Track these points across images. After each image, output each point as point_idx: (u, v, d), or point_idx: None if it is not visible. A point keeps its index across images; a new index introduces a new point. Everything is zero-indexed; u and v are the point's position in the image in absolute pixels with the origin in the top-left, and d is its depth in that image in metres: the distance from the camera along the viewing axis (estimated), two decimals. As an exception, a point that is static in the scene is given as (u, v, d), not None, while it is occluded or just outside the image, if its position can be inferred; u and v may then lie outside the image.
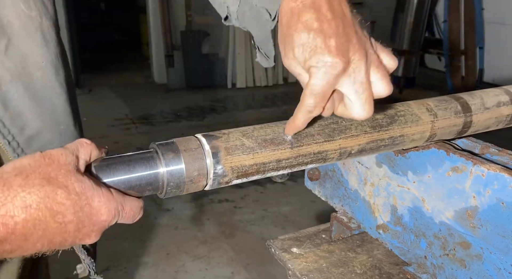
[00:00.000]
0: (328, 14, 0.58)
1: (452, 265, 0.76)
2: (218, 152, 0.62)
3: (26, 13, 0.78)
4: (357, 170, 0.94)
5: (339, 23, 0.58)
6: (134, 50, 8.39)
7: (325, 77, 0.57)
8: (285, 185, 3.62)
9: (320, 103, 0.59)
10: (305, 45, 0.57)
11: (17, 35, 0.78)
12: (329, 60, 0.56)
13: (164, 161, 0.59)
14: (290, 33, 0.59)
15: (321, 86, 0.57)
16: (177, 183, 0.60)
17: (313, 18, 0.57)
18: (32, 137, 0.83)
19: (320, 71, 0.57)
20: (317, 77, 0.57)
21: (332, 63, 0.56)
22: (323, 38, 0.57)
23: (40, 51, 0.82)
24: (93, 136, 4.91)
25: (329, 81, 0.57)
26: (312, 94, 0.58)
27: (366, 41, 0.61)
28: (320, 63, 0.56)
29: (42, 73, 0.82)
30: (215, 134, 0.64)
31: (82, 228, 0.52)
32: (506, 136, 1.98)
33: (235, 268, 2.68)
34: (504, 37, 6.02)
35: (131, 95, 6.19)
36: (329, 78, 0.57)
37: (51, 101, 0.85)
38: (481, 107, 0.84)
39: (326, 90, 0.58)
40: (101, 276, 0.91)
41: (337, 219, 0.98)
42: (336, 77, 0.57)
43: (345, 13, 0.59)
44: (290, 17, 0.59)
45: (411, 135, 0.76)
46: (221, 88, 6.62)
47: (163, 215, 3.20)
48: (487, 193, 0.68)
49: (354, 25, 0.60)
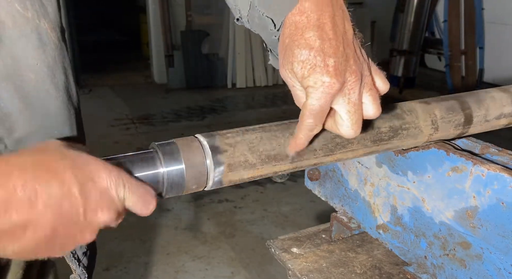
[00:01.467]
0: (330, 33, 0.60)
1: (452, 265, 0.76)
2: (218, 152, 0.62)
3: (21, 13, 0.76)
4: (357, 170, 0.94)
5: (340, 43, 0.60)
6: (134, 50, 8.38)
7: (322, 96, 0.59)
8: (285, 185, 3.62)
9: (319, 122, 0.62)
10: (305, 62, 0.59)
11: (10, 36, 0.76)
12: (327, 80, 0.59)
13: (164, 161, 0.59)
14: (291, 47, 0.61)
15: (319, 106, 0.60)
16: (177, 183, 0.60)
17: (316, 36, 0.59)
18: (21, 140, 0.80)
19: (318, 91, 0.59)
20: (315, 98, 0.60)
21: (330, 83, 0.59)
22: (323, 57, 0.59)
23: (35, 53, 0.79)
24: (93, 136, 4.91)
25: (327, 101, 0.60)
26: (311, 114, 0.61)
27: (363, 62, 0.63)
28: (318, 83, 0.59)
29: (35, 75, 0.80)
30: (215, 134, 0.64)
31: (88, 193, 0.49)
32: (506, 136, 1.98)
33: (235, 268, 2.68)
34: (504, 37, 6.02)
35: (131, 95, 6.18)
36: (326, 98, 0.60)
37: (44, 105, 0.82)
38: (482, 120, 0.83)
39: (324, 109, 0.61)
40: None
41: (337, 219, 0.98)
42: (332, 96, 0.60)
43: (347, 33, 0.62)
44: (294, 31, 0.61)
45: (405, 146, 0.77)
46: (221, 88, 6.62)
47: (163, 215, 3.20)
48: (487, 193, 0.68)
49: (354, 45, 0.62)
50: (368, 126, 0.72)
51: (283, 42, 0.63)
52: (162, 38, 6.48)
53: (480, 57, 6.16)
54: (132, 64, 7.72)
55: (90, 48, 8.31)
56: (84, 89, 6.29)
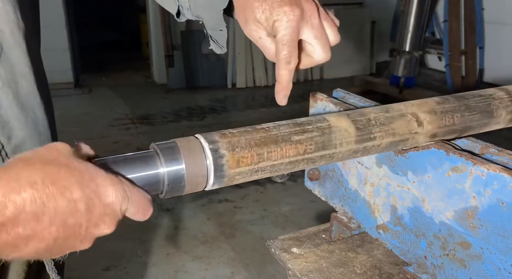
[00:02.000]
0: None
1: (452, 265, 0.76)
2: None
3: (15, 22, 0.78)
4: (357, 170, 0.94)
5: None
6: (134, 50, 8.38)
7: (288, 25, 0.66)
8: (285, 185, 3.62)
9: (293, 52, 0.67)
10: (263, 5, 0.66)
11: (8, 43, 0.78)
12: (287, 9, 0.65)
13: (164, 161, 0.59)
14: (249, 2, 0.68)
15: (289, 34, 0.66)
16: (177, 183, 0.60)
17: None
18: (19, 146, 0.81)
19: (283, 21, 0.66)
20: (282, 28, 0.66)
21: (290, 9, 0.66)
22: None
23: (25, 60, 0.82)
24: (93, 136, 4.92)
25: (293, 28, 0.66)
26: (284, 44, 0.66)
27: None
28: (280, 14, 0.66)
29: (27, 82, 0.82)
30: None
31: (93, 208, 0.50)
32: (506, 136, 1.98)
33: (235, 268, 2.68)
34: (504, 37, 6.02)
35: (131, 95, 6.18)
36: (293, 25, 0.66)
37: (34, 111, 0.85)
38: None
39: (294, 37, 0.67)
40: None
41: (337, 219, 0.98)
42: (297, 22, 0.66)
43: None
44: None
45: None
46: (221, 88, 6.62)
47: (163, 215, 3.20)
48: (487, 193, 0.68)
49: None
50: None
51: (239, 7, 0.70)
52: (162, 38, 6.47)
53: (480, 57, 6.16)
54: (132, 64, 7.71)
55: (90, 48, 8.30)
56: (84, 89, 6.29)
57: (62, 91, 5.91)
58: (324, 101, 0.99)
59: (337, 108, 0.95)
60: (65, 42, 6.03)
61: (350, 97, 1.01)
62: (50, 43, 5.84)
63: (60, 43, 5.93)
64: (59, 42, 5.91)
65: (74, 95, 6.02)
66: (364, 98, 0.99)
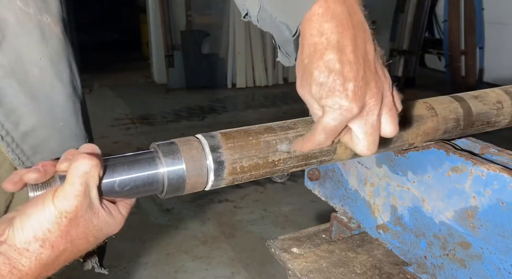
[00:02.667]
0: (351, 56, 0.58)
1: (452, 265, 0.76)
2: (218, 152, 0.62)
3: (23, 9, 0.78)
4: (357, 170, 0.94)
5: (360, 66, 0.58)
6: (134, 50, 8.38)
7: (338, 118, 0.59)
8: (285, 185, 3.62)
9: (330, 139, 0.61)
10: (324, 85, 0.58)
11: (13, 32, 0.78)
12: (346, 105, 0.58)
13: (164, 161, 0.59)
14: (310, 69, 0.59)
15: (334, 126, 0.59)
16: (177, 183, 0.60)
17: (336, 59, 0.57)
18: (27, 133, 0.83)
19: (335, 112, 0.58)
20: (330, 117, 0.59)
21: (348, 107, 0.58)
22: (342, 81, 0.57)
23: (38, 47, 0.82)
24: (93, 136, 4.90)
25: (342, 122, 0.59)
26: (324, 131, 0.60)
27: (384, 82, 0.61)
28: (336, 106, 0.58)
29: (39, 70, 0.82)
30: (215, 134, 0.64)
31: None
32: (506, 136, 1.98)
33: (235, 268, 2.67)
34: (504, 37, 6.02)
35: (131, 95, 6.18)
36: (342, 120, 0.59)
37: (49, 98, 0.85)
38: (475, 99, 0.85)
39: (338, 129, 0.60)
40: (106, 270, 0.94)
41: (337, 219, 0.98)
42: (349, 119, 0.59)
43: (368, 54, 0.60)
44: (313, 52, 0.59)
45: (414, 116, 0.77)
46: (221, 88, 6.62)
47: (163, 215, 3.20)
48: (487, 193, 0.68)
49: (375, 66, 0.60)
50: None
51: (301, 62, 0.61)
52: (162, 38, 6.47)
53: (480, 57, 6.16)
54: (132, 64, 7.71)
55: (90, 48, 8.30)
56: (84, 89, 6.29)
57: (62, 91, 5.91)
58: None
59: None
60: (65, 42, 6.02)
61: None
62: (50, 43, 5.88)
63: (60, 43, 5.93)
64: (59, 42, 5.91)
65: (74, 95, 6.02)
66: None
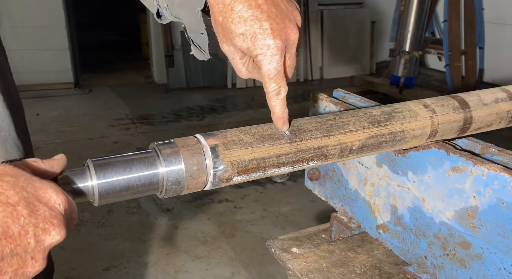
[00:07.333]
0: (258, 0, 0.62)
1: (452, 265, 0.76)
2: (218, 152, 0.62)
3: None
4: (357, 170, 0.94)
5: (271, 6, 0.62)
6: (134, 50, 8.38)
7: (273, 59, 0.62)
8: (285, 185, 3.62)
9: (281, 83, 0.64)
10: (245, 34, 0.62)
11: None
12: (271, 43, 0.61)
13: (163, 161, 0.59)
14: (227, 24, 0.62)
15: (274, 68, 0.62)
16: (176, 183, 0.60)
17: (245, 6, 0.61)
18: None
19: (266, 55, 0.61)
20: (267, 62, 0.62)
21: (274, 44, 0.61)
22: (259, 24, 0.61)
23: None
24: (93, 136, 4.92)
25: (278, 61, 0.62)
26: (270, 78, 0.63)
27: (294, 10, 0.65)
28: (264, 48, 0.61)
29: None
30: (214, 133, 0.64)
31: (36, 212, 0.46)
32: (506, 136, 1.98)
33: (235, 268, 2.67)
34: (504, 37, 6.02)
35: (131, 95, 6.18)
36: (277, 59, 0.62)
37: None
38: (479, 103, 0.84)
39: (279, 69, 0.63)
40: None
41: (337, 219, 0.98)
42: (281, 55, 0.62)
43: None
44: (223, 8, 0.62)
45: (411, 130, 0.76)
46: (221, 88, 6.62)
47: (163, 215, 3.20)
48: (487, 193, 0.68)
49: (284, 2, 0.64)
50: (359, 112, 0.74)
51: (216, 21, 0.64)
52: (162, 38, 6.47)
53: (480, 57, 6.15)
54: (132, 64, 7.71)
55: (90, 48, 8.30)
56: (84, 89, 6.29)
57: (62, 91, 5.92)
58: (324, 101, 0.99)
59: (338, 108, 0.95)
60: (65, 42, 6.02)
61: (350, 97, 1.01)
62: (50, 43, 5.88)
63: (60, 43, 5.93)
64: (59, 42, 5.91)
65: (74, 95, 6.02)
66: (364, 98, 1.00)
